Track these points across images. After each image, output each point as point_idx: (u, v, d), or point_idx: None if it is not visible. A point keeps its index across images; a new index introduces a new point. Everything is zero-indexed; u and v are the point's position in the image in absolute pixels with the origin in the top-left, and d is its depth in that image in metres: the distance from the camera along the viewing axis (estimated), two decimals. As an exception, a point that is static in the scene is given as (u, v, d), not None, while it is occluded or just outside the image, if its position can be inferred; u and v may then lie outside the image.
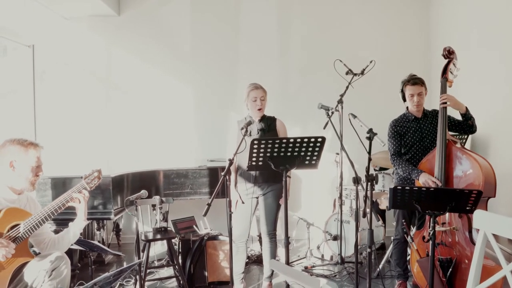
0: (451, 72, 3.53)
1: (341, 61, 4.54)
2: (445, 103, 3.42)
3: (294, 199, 5.68)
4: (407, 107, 3.78)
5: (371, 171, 3.29)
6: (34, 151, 2.79)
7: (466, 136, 4.62)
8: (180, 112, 5.85)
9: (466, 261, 3.10)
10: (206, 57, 5.81)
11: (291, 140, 2.98)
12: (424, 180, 3.39)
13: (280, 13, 5.83)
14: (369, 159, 3.06)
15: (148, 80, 5.82)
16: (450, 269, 3.12)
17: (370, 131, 3.07)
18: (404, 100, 3.75)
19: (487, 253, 2.70)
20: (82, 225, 2.96)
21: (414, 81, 3.63)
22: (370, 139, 3.05)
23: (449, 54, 3.54)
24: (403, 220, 3.60)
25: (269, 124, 3.82)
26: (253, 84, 3.82)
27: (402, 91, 3.73)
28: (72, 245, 3.22)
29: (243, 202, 3.73)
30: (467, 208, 2.81)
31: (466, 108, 3.50)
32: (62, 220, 3.71)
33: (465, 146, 4.52)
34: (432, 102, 4.68)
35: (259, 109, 3.76)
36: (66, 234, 2.94)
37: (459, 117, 3.58)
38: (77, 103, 5.77)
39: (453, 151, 3.34)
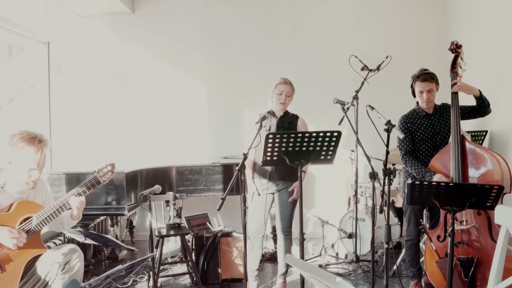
0: (460, 67, 3.45)
1: (356, 56, 4.49)
2: (458, 89, 3.36)
3: (309, 197, 5.62)
4: (417, 102, 3.67)
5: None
6: (30, 151, 2.59)
7: (484, 133, 4.53)
8: (194, 109, 5.84)
9: (487, 259, 3.01)
10: (219, 54, 5.79)
11: (307, 135, 2.93)
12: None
13: (295, 8, 5.78)
14: (387, 152, 2.98)
15: (162, 77, 5.82)
16: (472, 269, 3.03)
17: (389, 122, 3.00)
18: (414, 95, 3.65)
19: (508, 250, 2.62)
20: (71, 223, 2.90)
21: (424, 77, 3.50)
22: (388, 131, 2.97)
23: (456, 48, 3.45)
24: (421, 220, 3.52)
25: (290, 121, 3.78)
26: (283, 78, 3.78)
27: (412, 87, 3.63)
28: (85, 239, 3.22)
29: (259, 194, 3.70)
30: (488, 204, 2.73)
31: (479, 90, 3.42)
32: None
33: (484, 143, 4.44)
34: (448, 99, 4.59)
35: (282, 103, 3.71)
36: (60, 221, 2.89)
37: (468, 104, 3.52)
38: (91, 100, 5.80)
39: (467, 147, 3.26)
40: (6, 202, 2.62)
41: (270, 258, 4.77)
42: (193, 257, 4.07)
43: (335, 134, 2.94)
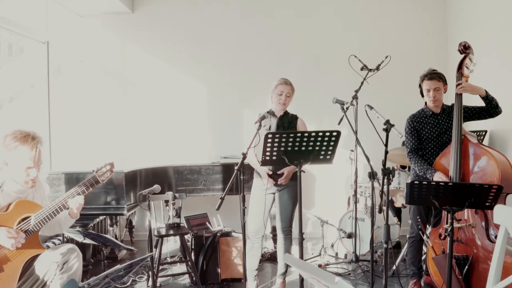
0: (467, 67, 3.46)
1: (355, 56, 4.49)
2: (462, 91, 3.35)
3: (308, 197, 5.62)
4: (425, 102, 3.70)
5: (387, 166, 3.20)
6: (25, 150, 2.58)
7: (484, 133, 4.53)
8: (194, 108, 5.84)
9: (483, 258, 3.01)
10: (219, 53, 5.79)
11: (306, 134, 2.93)
12: (436, 179, 3.31)
13: (294, 8, 5.77)
14: (386, 152, 2.99)
15: (162, 77, 5.82)
16: (467, 267, 3.04)
17: (387, 122, 3.00)
18: (423, 95, 3.68)
19: (506, 249, 2.62)
20: (69, 222, 2.89)
21: (431, 75, 3.56)
22: (387, 130, 2.98)
23: (464, 49, 3.47)
24: (418, 217, 3.53)
25: (290, 121, 3.78)
26: (283, 78, 3.77)
27: (420, 86, 3.67)
28: (85, 239, 3.22)
29: (272, 172, 3.63)
30: (487, 204, 2.73)
31: (485, 90, 3.42)
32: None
33: (483, 142, 4.44)
34: (449, 98, 4.59)
35: (282, 104, 3.71)
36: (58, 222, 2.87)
37: (477, 105, 3.51)
38: (91, 100, 5.80)
39: (469, 147, 3.27)
40: (4, 202, 2.61)
41: (269, 258, 4.77)
42: (193, 257, 4.07)
43: (334, 133, 2.94)
